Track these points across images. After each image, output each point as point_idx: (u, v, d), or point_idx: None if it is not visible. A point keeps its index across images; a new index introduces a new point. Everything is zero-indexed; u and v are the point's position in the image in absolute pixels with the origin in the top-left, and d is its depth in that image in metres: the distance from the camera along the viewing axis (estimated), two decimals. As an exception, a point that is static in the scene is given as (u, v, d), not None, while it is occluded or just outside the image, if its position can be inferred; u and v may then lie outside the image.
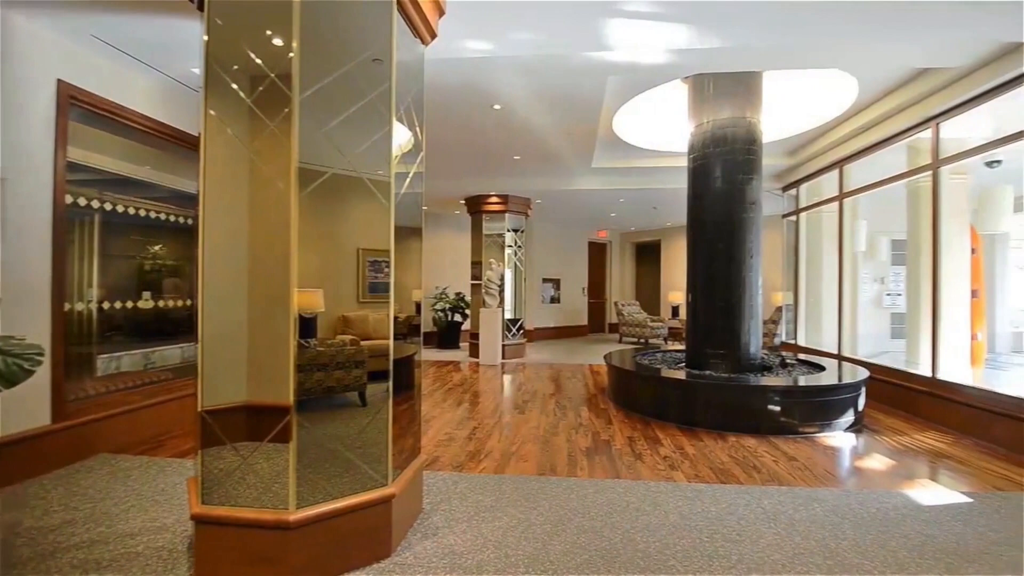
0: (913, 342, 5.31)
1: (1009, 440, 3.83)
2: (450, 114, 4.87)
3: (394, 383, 2.33)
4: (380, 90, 2.23)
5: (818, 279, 7.21)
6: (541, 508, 2.74)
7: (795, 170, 7.31)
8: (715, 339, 5.08)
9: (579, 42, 3.38)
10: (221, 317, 2.26)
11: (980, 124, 4.37)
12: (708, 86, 5.04)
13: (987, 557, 2.28)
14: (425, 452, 3.60)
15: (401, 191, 2.33)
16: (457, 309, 10.13)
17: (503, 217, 8.87)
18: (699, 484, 3.13)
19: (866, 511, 2.76)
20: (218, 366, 2.25)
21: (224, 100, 2.22)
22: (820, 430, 4.27)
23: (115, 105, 3.69)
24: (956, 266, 4.83)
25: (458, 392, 5.86)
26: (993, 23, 3.20)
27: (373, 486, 2.22)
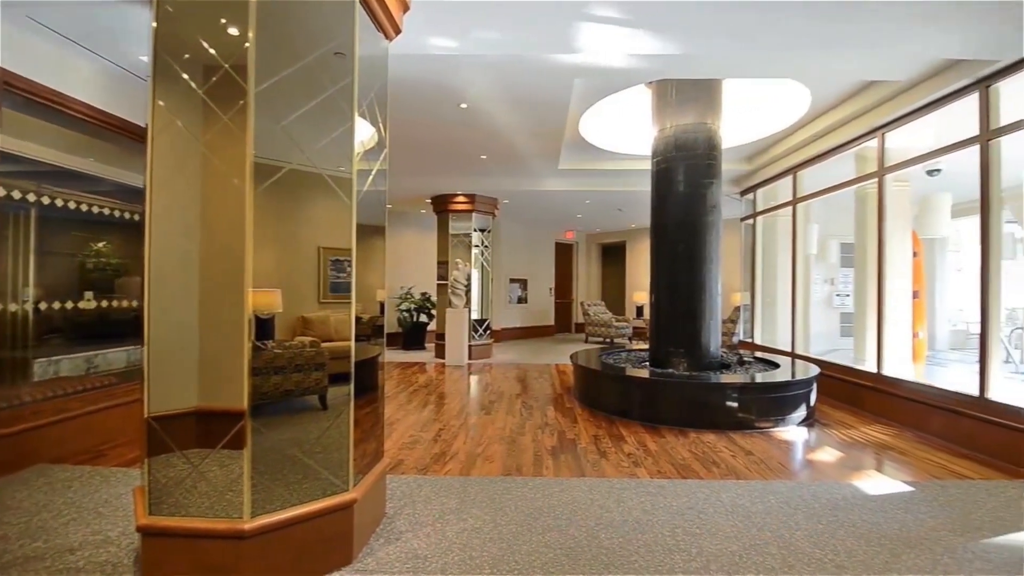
0: (860, 340, 5.59)
1: (946, 432, 4.08)
2: (416, 111, 4.81)
3: (357, 385, 2.27)
4: (342, 85, 2.17)
5: (773, 280, 7.50)
6: (507, 509, 2.73)
7: (752, 175, 7.58)
8: (677, 338, 5.21)
9: (546, 44, 3.40)
10: (170, 318, 2.15)
11: (922, 135, 4.64)
12: (671, 92, 5.17)
13: (927, 542, 2.42)
14: (389, 455, 3.54)
15: (363, 188, 2.28)
16: (423, 309, 10.00)
17: (470, 217, 8.81)
18: (661, 480, 3.19)
19: (817, 502, 2.88)
20: (167, 370, 2.14)
21: (174, 90, 2.11)
22: (775, 425, 4.43)
23: (55, 93, 3.47)
24: (899, 268, 5.12)
25: (423, 394, 5.79)
26: (935, 40, 3.40)
27: (334, 492, 2.16)
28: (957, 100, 4.04)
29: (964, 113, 4.01)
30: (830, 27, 3.28)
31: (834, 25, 3.26)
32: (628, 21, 3.20)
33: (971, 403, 3.87)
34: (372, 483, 2.38)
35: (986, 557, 2.28)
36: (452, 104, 4.61)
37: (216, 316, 2.21)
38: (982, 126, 3.84)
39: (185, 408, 2.28)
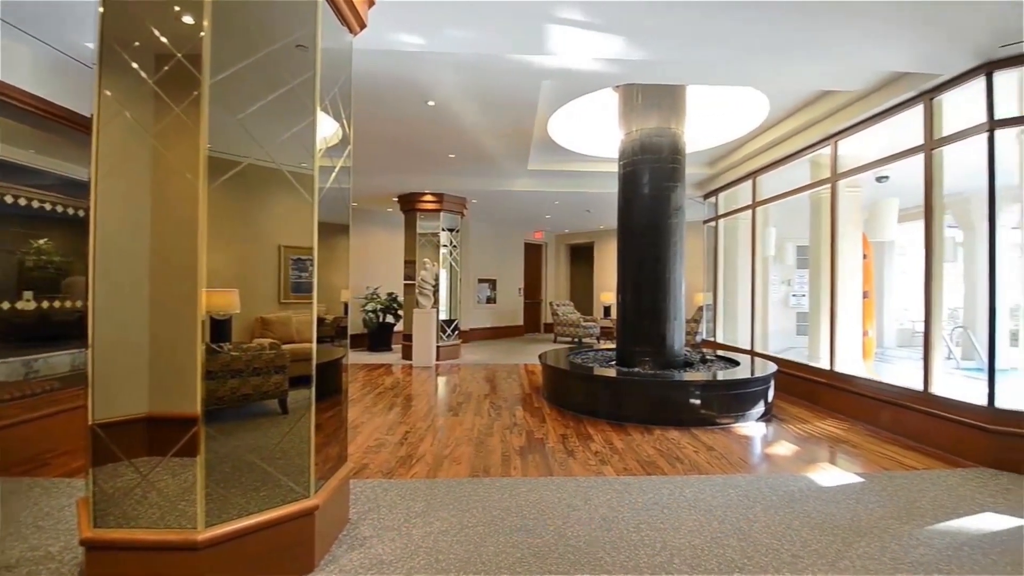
0: (814, 338, 5.83)
1: (894, 425, 4.30)
2: (382, 108, 4.73)
3: (319, 388, 2.21)
4: (303, 78, 2.11)
5: (734, 281, 7.75)
6: (474, 510, 2.71)
7: (714, 179, 7.80)
8: (643, 337, 5.30)
9: (514, 44, 3.40)
10: (117, 319, 2.04)
11: (872, 143, 4.87)
12: (637, 96, 5.26)
13: (876, 531, 2.54)
14: (353, 460, 3.46)
15: (326, 185, 2.22)
16: (389, 310, 9.82)
17: (438, 216, 8.72)
18: (627, 477, 3.24)
19: (775, 494, 2.98)
20: (113, 374, 2.03)
21: (122, 80, 2.01)
22: (735, 420, 4.57)
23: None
24: (850, 270, 5.36)
25: (389, 396, 5.69)
26: (884, 54, 3.57)
27: (294, 498, 2.10)
28: (904, 111, 4.26)
29: (911, 123, 4.24)
30: (786, 37, 3.41)
31: (790, 35, 3.39)
32: (595, 25, 3.24)
33: (916, 398, 4.09)
34: (335, 488, 2.32)
35: (929, 543, 2.41)
36: (420, 101, 4.56)
37: (168, 317, 2.11)
38: (926, 136, 4.07)
39: (134, 414, 2.17)
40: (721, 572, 2.15)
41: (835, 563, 2.23)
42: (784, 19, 3.21)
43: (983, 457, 3.49)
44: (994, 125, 3.55)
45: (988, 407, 3.52)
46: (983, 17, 3.07)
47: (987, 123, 3.57)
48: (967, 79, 3.68)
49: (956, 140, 3.84)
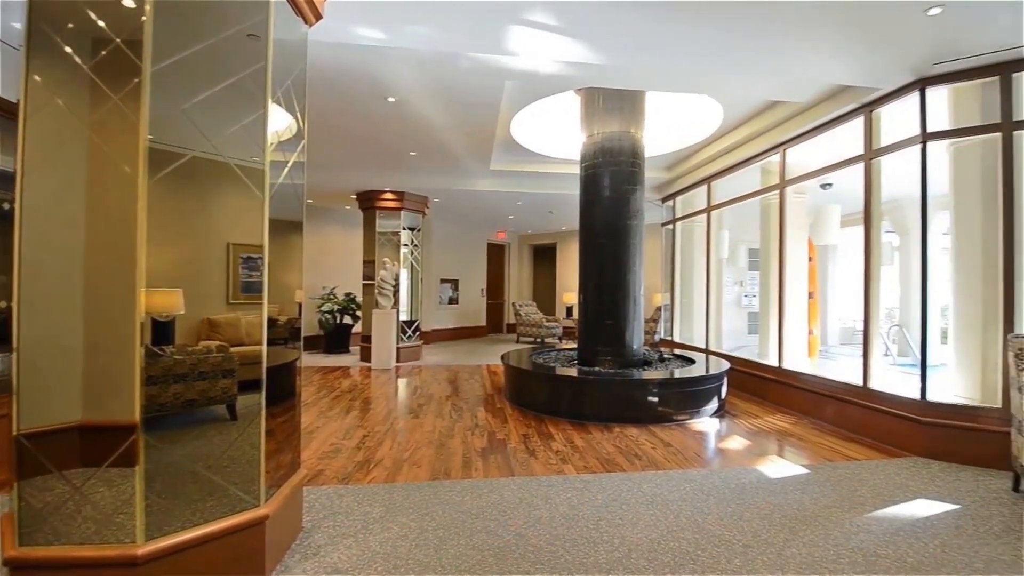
0: (764, 337, 6.08)
1: (837, 418, 4.54)
2: (340, 102, 4.59)
3: (271, 393, 2.13)
4: (254, 69, 2.02)
5: (690, 282, 7.99)
6: (434, 514, 2.68)
7: (672, 183, 8.02)
8: (603, 337, 5.39)
9: (477, 43, 3.38)
10: (46, 320, 1.89)
11: (817, 152, 5.13)
12: (598, 100, 5.34)
13: (820, 519, 2.67)
14: (307, 466, 3.35)
15: (278, 181, 2.13)
16: (347, 311, 9.55)
17: (398, 215, 8.56)
18: (587, 475, 3.28)
19: (727, 487, 3.09)
20: (42, 380, 1.88)
21: (54, 65, 1.87)
22: (691, 417, 4.71)
23: (-102, 58, 2.95)
24: (797, 272, 5.63)
25: (347, 399, 5.54)
26: (827, 67, 3.76)
27: (244, 508, 2.01)
28: (847, 122, 4.51)
29: (853, 134, 4.49)
30: (738, 49, 3.54)
31: (742, 47, 3.51)
32: (555, 27, 3.26)
33: (856, 392, 4.33)
34: (287, 496, 2.24)
35: (868, 529, 2.56)
36: (379, 97, 4.46)
37: (103, 318, 1.98)
38: (866, 146, 4.32)
39: (65, 423, 2.01)
40: (676, 564, 2.21)
41: (782, 551, 2.33)
42: (736, 31, 3.33)
43: (917, 447, 3.73)
44: (927, 137, 3.81)
45: (921, 400, 3.77)
46: (918, 36, 3.29)
47: (920, 135, 3.83)
48: (903, 93, 3.94)
49: (893, 151, 4.09)
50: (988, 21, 3.08)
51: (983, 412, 3.55)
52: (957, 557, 2.29)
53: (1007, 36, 3.22)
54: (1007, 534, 2.51)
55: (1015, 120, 3.52)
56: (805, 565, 2.21)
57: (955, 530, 2.55)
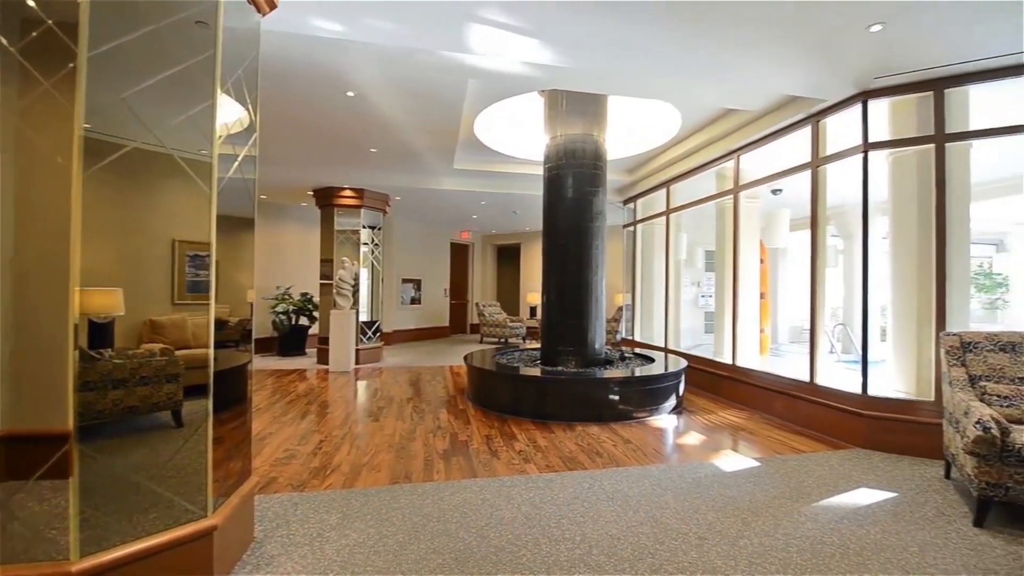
0: (719, 335, 6.30)
1: (786, 412, 4.75)
2: (297, 95, 4.43)
3: (220, 398, 2.03)
4: (202, 57, 1.93)
5: (651, 282, 8.19)
6: (394, 519, 2.62)
7: (633, 186, 8.19)
8: (566, 337, 5.44)
9: (438, 40, 3.34)
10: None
11: (769, 159, 5.35)
12: (562, 102, 5.39)
13: (771, 510, 2.78)
14: (259, 474, 3.22)
15: (227, 175, 2.04)
16: (303, 311, 9.20)
17: (358, 212, 8.32)
18: (549, 474, 3.29)
19: (684, 482, 3.18)
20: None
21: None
22: (650, 414, 4.82)
23: None
24: (749, 273, 5.86)
25: (303, 403, 5.36)
26: (777, 78, 3.93)
27: (190, 519, 1.90)
28: (796, 131, 4.72)
29: (801, 142, 4.70)
30: (695, 57, 3.63)
31: (698, 56, 3.62)
32: (518, 28, 3.26)
33: (804, 388, 4.55)
34: (236, 506, 2.14)
35: (815, 518, 2.68)
36: (338, 91, 4.33)
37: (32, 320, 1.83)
38: (813, 154, 4.53)
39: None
40: (635, 559, 2.24)
41: (736, 542, 2.41)
42: (693, 40, 3.42)
43: (859, 439, 3.95)
44: (868, 147, 4.03)
45: (862, 395, 3.99)
46: (861, 51, 3.48)
47: (862, 145, 4.05)
48: (847, 105, 4.16)
49: (837, 159, 4.32)
50: (924, 40, 3.29)
51: (918, 405, 3.79)
52: (895, 542, 2.43)
53: (941, 54, 3.45)
54: (939, 519, 2.69)
55: (947, 132, 3.77)
56: (756, 555, 2.29)
57: (893, 517, 2.71)
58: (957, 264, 3.80)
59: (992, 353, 3.19)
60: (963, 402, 2.89)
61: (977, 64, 3.53)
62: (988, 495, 2.58)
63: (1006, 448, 2.54)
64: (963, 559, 2.28)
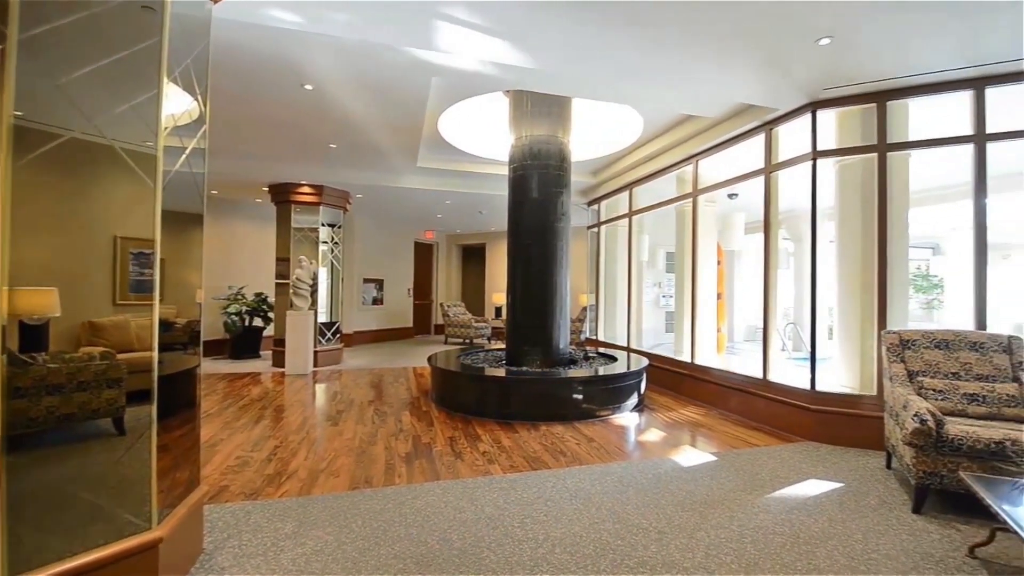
0: (679, 334, 6.47)
1: (741, 408, 4.92)
2: (251, 87, 4.25)
3: (167, 403, 1.93)
4: (147, 44, 1.82)
5: (614, 283, 8.33)
6: (353, 525, 2.56)
7: (597, 188, 8.31)
8: (531, 337, 5.46)
9: (401, 36, 3.28)
10: None
11: (726, 164, 5.53)
12: (527, 103, 5.40)
13: (727, 502, 2.87)
14: (209, 482, 3.07)
15: (174, 168, 1.94)
16: (257, 312, 8.82)
17: (317, 210, 8.03)
18: (513, 474, 3.29)
19: (645, 477, 3.24)
20: None
21: None
22: (613, 412, 4.90)
23: None
24: (707, 274, 6.05)
25: (257, 408, 5.14)
26: (733, 87, 4.07)
27: (133, 532, 1.80)
28: (751, 138, 4.90)
29: (755, 149, 4.89)
30: (652, 63, 3.72)
31: (657, 62, 3.70)
32: (482, 27, 3.25)
33: (757, 384, 4.73)
34: (183, 517, 2.03)
35: (768, 509, 2.79)
36: (294, 84, 4.19)
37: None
38: (766, 161, 4.72)
39: None
40: (597, 555, 2.27)
41: (693, 534, 2.47)
42: (653, 47, 3.50)
43: (808, 432, 4.13)
44: (816, 155, 4.23)
45: (811, 390, 4.18)
46: (810, 63, 3.64)
47: (811, 153, 4.25)
48: (798, 115, 4.35)
49: (788, 166, 4.51)
50: (869, 54, 3.48)
51: (862, 399, 4.01)
52: (841, 530, 2.56)
53: (885, 68, 3.65)
54: (881, 507, 2.84)
55: (889, 142, 4.00)
56: (713, 547, 2.36)
57: (839, 506, 2.85)
58: (897, 267, 4.04)
59: (928, 350, 3.41)
60: (902, 396, 3.07)
61: (917, 79, 3.76)
62: (925, 483, 2.75)
63: (941, 439, 2.72)
64: (903, 544, 2.42)
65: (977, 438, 2.67)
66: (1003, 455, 2.59)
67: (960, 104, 3.85)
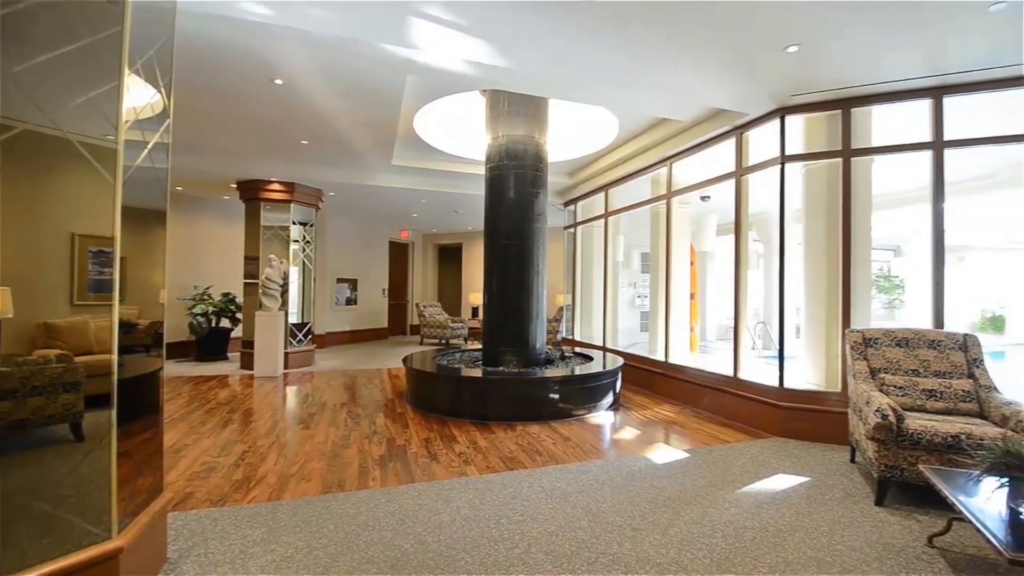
0: (653, 334, 6.57)
1: (713, 406, 5.02)
2: (219, 80, 4.11)
3: (129, 407, 1.85)
4: (107, 33, 1.74)
5: (590, 283, 8.40)
6: (325, 530, 2.51)
7: (574, 189, 8.37)
8: (507, 337, 5.45)
9: (376, 32, 3.23)
10: None
11: (699, 167, 5.63)
12: (503, 103, 5.40)
13: (698, 498, 2.92)
14: (173, 489, 2.97)
15: (135, 163, 1.86)
16: (225, 313, 8.53)
17: (288, 208, 7.82)
18: (490, 475, 3.28)
19: (619, 475, 3.28)
20: None
21: None
22: (589, 411, 4.94)
23: None
24: (681, 275, 6.15)
25: (224, 412, 4.98)
26: (705, 92, 4.15)
27: (92, 542, 1.72)
28: (722, 142, 5.01)
29: (727, 152, 5.00)
30: (626, 66, 3.75)
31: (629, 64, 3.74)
32: (458, 25, 3.23)
33: (728, 382, 4.83)
34: (146, 525, 1.96)
35: (738, 504, 2.85)
36: (264, 78, 4.07)
37: None
38: (737, 164, 4.83)
39: None
40: (572, 554, 2.28)
41: (667, 531, 2.51)
42: (627, 51, 3.53)
43: (777, 428, 4.25)
44: (784, 159, 4.35)
45: (779, 387, 4.30)
46: (779, 70, 3.74)
47: (780, 157, 4.37)
48: (767, 120, 4.46)
49: (758, 169, 4.62)
50: (835, 62, 3.59)
51: (827, 396, 4.14)
52: (808, 523, 2.63)
53: (850, 76, 3.78)
54: (846, 500, 2.94)
55: (853, 148, 4.15)
56: (686, 542, 2.40)
57: (806, 499, 2.93)
58: (860, 268, 4.18)
59: (889, 348, 3.54)
60: (865, 392, 3.18)
61: (879, 87, 3.90)
62: (887, 476, 2.86)
63: (901, 433, 2.83)
64: (866, 536, 2.51)
65: (935, 432, 2.79)
66: (959, 448, 2.71)
67: (921, 112, 4.01)
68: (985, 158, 5.59)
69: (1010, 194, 6.76)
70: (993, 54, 3.38)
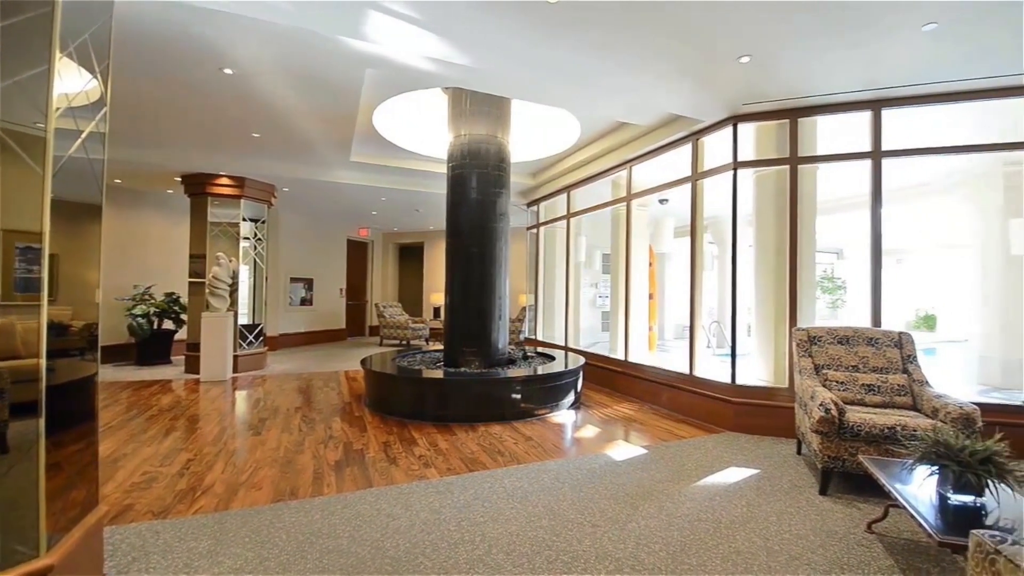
0: (614, 333, 6.69)
1: (670, 403, 5.16)
2: (160, 67, 3.86)
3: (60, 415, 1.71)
4: (36, 14, 1.61)
5: (553, 283, 8.47)
6: (277, 539, 2.41)
7: (537, 190, 8.41)
8: (469, 337, 5.42)
9: (332, 23, 3.13)
10: None
11: (658, 170, 5.77)
12: (466, 101, 5.36)
13: (656, 493, 2.99)
14: (110, 501, 2.78)
15: (67, 154, 1.73)
16: (168, 314, 8.07)
17: (238, 203, 7.46)
18: (450, 477, 3.25)
19: (580, 473, 3.31)
20: None
21: None
22: (551, 411, 4.97)
23: None
24: (640, 275, 6.30)
25: (167, 419, 4.71)
26: (663, 98, 4.26)
27: (19, 560, 1.58)
28: (680, 147, 5.16)
29: (684, 157, 5.15)
30: (584, 70, 3.80)
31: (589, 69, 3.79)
32: (417, 21, 3.17)
33: (684, 379, 4.98)
34: (79, 540, 1.82)
35: (693, 498, 2.94)
36: (212, 67, 3.88)
37: None
38: (693, 169, 4.99)
39: None
40: (533, 553, 2.29)
41: (625, 526, 2.56)
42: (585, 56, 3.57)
43: (729, 423, 4.41)
44: (737, 165, 4.53)
45: (731, 384, 4.46)
46: (732, 79, 3.88)
47: (732, 163, 4.54)
48: (721, 127, 4.63)
49: (713, 174, 4.79)
50: (784, 73, 3.76)
51: (776, 391, 4.33)
52: (758, 513, 2.74)
53: (795, 87, 3.96)
54: (793, 490, 3.08)
55: (800, 156, 4.36)
56: (643, 536, 2.46)
57: (756, 491, 3.06)
58: (806, 270, 4.40)
59: (832, 345, 3.74)
60: (810, 388, 3.35)
61: (823, 99, 4.12)
62: (830, 467, 3.01)
63: (843, 426, 2.99)
64: (811, 523, 2.64)
65: (873, 424, 2.96)
66: (895, 439, 2.89)
67: (862, 123, 4.25)
68: (920, 168, 6.00)
69: (943, 201, 7.31)
70: (927, 70, 3.63)
